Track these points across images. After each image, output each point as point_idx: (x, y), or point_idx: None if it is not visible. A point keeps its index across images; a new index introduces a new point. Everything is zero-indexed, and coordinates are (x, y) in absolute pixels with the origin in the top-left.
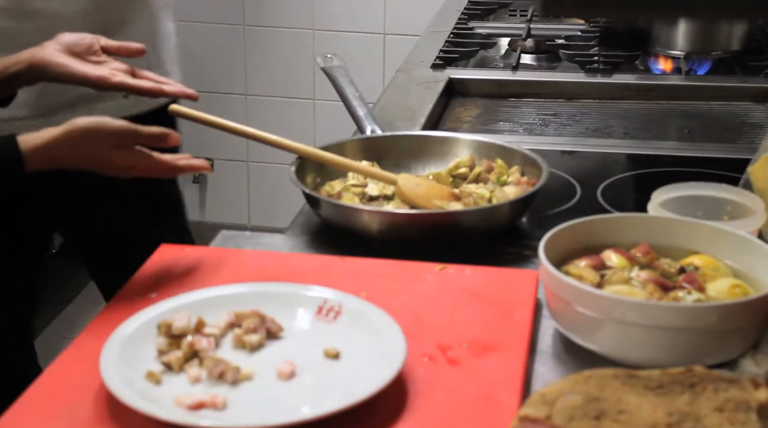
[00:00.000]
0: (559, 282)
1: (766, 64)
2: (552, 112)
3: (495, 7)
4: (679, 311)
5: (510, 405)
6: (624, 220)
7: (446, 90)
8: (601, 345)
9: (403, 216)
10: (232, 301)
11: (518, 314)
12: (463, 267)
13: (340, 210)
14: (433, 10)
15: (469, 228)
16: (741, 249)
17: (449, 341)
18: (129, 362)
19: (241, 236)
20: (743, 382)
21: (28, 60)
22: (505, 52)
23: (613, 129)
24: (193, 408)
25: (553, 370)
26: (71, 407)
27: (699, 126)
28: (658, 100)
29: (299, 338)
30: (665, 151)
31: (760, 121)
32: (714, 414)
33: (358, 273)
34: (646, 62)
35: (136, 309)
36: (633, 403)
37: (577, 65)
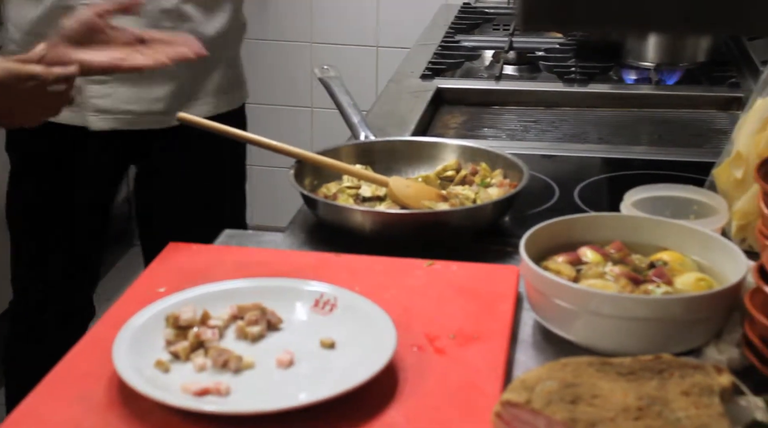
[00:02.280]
0: (538, 276)
1: (730, 74)
2: (532, 119)
3: (480, 21)
4: (649, 303)
5: (493, 391)
6: (599, 219)
7: (434, 98)
8: (576, 334)
9: (394, 216)
10: (235, 295)
11: (500, 306)
12: (450, 263)
13: (336, 210)
14: (423, 25)
15: (455, 226)
16: (706, 245)
17: (436, 332)
18: (139, 351)
19: (243, 234)
20: (707, 368)
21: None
22: (489, 63)
23: (589, 134)
24: (199, 394)
25: (532, 358)
26: (86, 393)
27: (668, 132)
28: (630, 108)
29: (297, 329)
30: (637, 155)
31: (723, 128)
32: (680, 398)
33: (352, 269)
34: (619, 73)
35: (146, 302)
36: (606, 388)
37: (555, 76)
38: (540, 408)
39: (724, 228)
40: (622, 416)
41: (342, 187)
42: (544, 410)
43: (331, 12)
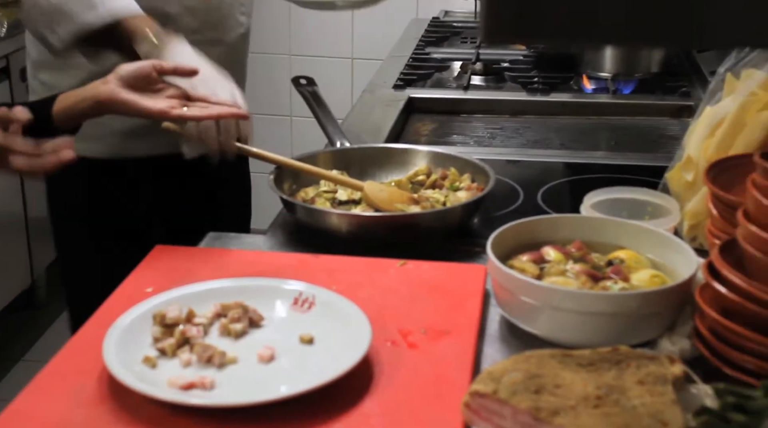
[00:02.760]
0: (504, 274)
1: (681, 84)
2: (498, 127)
3: (448, 35)
4: (607, 298)
5: (462, 382)
6: (560, 220)
7: (406, 107)
8: (540, 328)
9: (369, 218)
10: (219, 294)
11: (469, 303)
12: (421, 262)
13: (314, 213)
14: (395, 38)
15: (426, 228)
16: (660, 244)
17: (409, 327)
18: (128, 348)
19: (226, 237)
20: (661, 359)
21: (93, 98)
22: (457, 74)
23: (551, 141)
24: (185, 388)
25: (499, 351)
26: (78, 388)
27: (624, 138)
28: (589, 116)
29: (278, 326)
30: (595, 159)
31: (675, 134)
32: (636, 387)
33: (329, 269)
34: (578, 83)
35: (134, 301)
36: (567, 378)
37: (519, 86)
38: (506, 398)
39: (676, 228)
40: (583, 404)
41: (319, 191)
42: (510, 399)
43: (308, 26)
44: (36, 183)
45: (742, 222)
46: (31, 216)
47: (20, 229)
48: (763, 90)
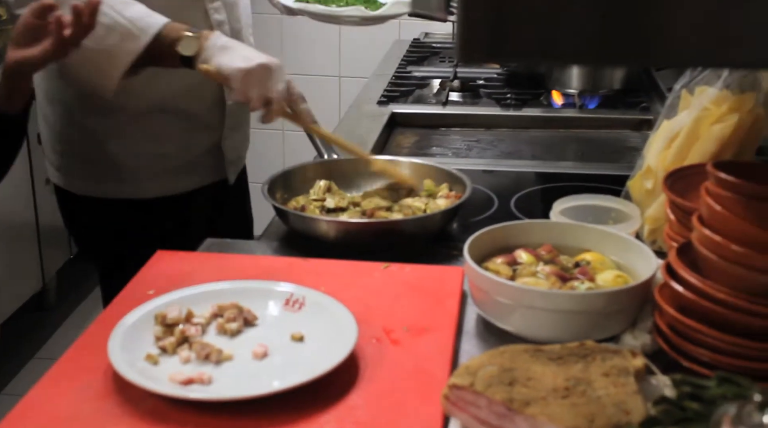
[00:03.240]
0: (480, 276)
1: (641, 100)
2: (475, 139)
3: (428, 54)
4: (575, 297)
5: (441, 376)
6: (532, 225)
7: (390, 122)
8: (513, 326)
9: (355, 225)
10: (216, 296)
11: (448, 302)
12: (404, 265)
13: (305, 220)
14: (379, 57)
15: (408, 233)
16: (622, 247)
17: (392, 325)
18: (132, 347)
19: (222, 242)
20: (624, 352)
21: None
22: (436, 91)
23: (523, 152)
24: (185, 383)
25: (475, 347)
26: (85, 384)
27: (590, 149)
28: (558, 129)
29: (270, 325)
30: (564, 169)
31: (636, 145)
32: (602, 379)
33: (318, 272)
34: (548, 98)
35: (137, 303)
36: (538, 372)
37: (494, 101)
38: (482, 390)
39: (637, 232)
40: (552, 395)
41: (309, 199)
42: (485, 391)
43: (298, 46)
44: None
45: (696, 226)
46: (43, 223)
47: (32, 236)
48: (714, 105)
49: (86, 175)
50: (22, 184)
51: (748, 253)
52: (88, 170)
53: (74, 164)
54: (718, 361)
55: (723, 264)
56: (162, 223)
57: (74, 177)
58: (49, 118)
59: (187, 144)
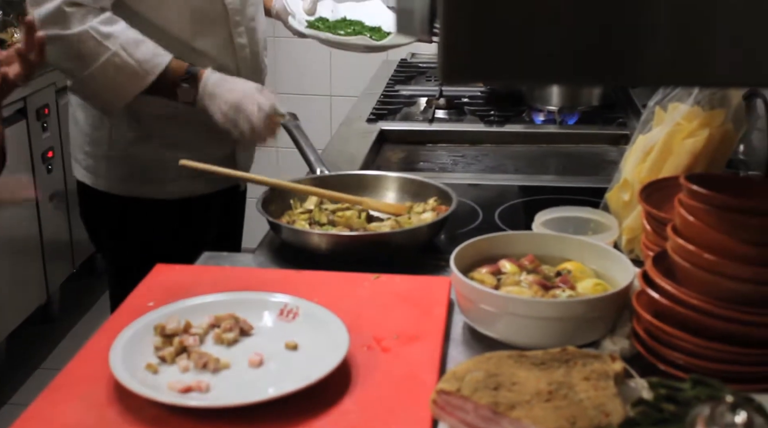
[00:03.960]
0: (466, 285)
1: (618, 116)
2: (460, 155)
3: (415, 74)
4: (557, 305)
5: (430, 382)
6: (515, 236)
7: (379, 138)
8: (498, 332)
9: (345, 237)
10: (213, 307)
11: (435, 311)
12: (393, 276)
13: (297, 233)
14: (368, 77)
15: (397, 245)
16: (602, 256)
17: (383, 334)
18: (132, 356)
19: (219, 256)
20: (604, 357)
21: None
22: (423, 108)
23: (507, 166)
24: (184, 391)
25: (462, 353)
26: (87, 393)
27: (570, 163)
28: (539, 144)
29: (266, 334)
30: (545, 182)
31: (614, 159)
32: (583, 382)
33: (311, 283)
34: (529, 115)
35: (137, 314)
36: (522, 376)
37: (478, 118)
38: (468, 395)
39: (615, 242)
40: (536, 399)
41: (296, 213)
42: (471, 396)
43: (292, 67)
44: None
45: (671, 236)
46: (47, 239)
47: (37, 250)
48: (686, 121)
49: (111, 175)
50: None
51: (719, 261)
52: (114, 170)
53: (101, 164)
54: (693, 364)
55: (696, 271)
56: (178, 222)
57: (100, 176)
58: (80, 121)
59: (203, 152)
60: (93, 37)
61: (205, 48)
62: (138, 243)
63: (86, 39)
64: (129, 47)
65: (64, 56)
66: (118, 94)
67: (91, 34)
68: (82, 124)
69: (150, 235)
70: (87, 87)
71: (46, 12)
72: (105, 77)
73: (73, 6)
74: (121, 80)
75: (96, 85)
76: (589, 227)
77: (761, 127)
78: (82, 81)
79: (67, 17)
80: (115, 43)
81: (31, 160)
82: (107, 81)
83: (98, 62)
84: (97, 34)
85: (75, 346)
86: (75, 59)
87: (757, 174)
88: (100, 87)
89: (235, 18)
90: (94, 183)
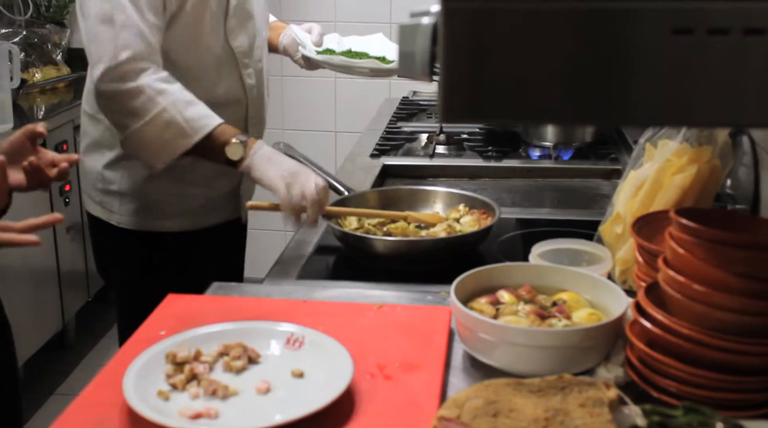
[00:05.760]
0: (465, 315)
1: (611, 151)
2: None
3: (416, 111)
4: (553, 334)
5: (431, 409)
6: (513, 267)
7: (382, 173)
8: (497, 360)
9: (424, 242)
10: (222, 336)
11: (436, 339)
12: (395, 305)
13: (361, 240)
14: (371, 114)
15: (456, 247)
16: (596, 287)
17: (385, 361)
18: (144, 384)
19: (228, 286)
20: (599, 384)
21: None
22: (424, 144)
23: (504, 200)
24: (194, 417)
25: (462, 381)
26: (102, 419)
27: (565, 197)
28: (536, 178)
29: (273, 362)
30: (541, 215)
31: (607, 193)
32: (578, 409)
33: (316, 313)
34: (526, 150)
35: (150, 343)
36: (520, 403)
37: (477, 153)
38: (468, 421)
39: (609, 273)
40: (533, 425)
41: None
42: (471, 423)
43: (298, 105)
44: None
45: (662, 267)
46: (63, 269)
47: (53, 279)
48: (676, 157)
49: (121, 210)
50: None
51: (709, 292)
52: (124, 205)
53: (113, 199)
54: (685, 392)
55: (686, 302)
56: (186, 254)
57: (111, 210)
58: (93, 161)
59: (210, 186)
60: (147, 92)
61: (221, 90)
62: (147, 275)
63: (140, 94)
64: (179, 105)
65: (117, 110)
66: (165, 151)
67: (145, 89)
68: (96, 163)
69: (158, 267)
70: (136, 141)
71: (105, 68)
72: (153, 132)
73: (131, 63)
74: (168, 137)
75: (144, 140)
76: (583, 258)
77: (747, 163)
78: (132, 135)
79: (125, 73)
80: (166, 99)
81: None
82: (155, 137)
83: (148, 117)
84: (152, 90)
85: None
86: (127, 113)
87: (744, 208)
88: (147, 142)
89: (244, 61)
90: (105, 216)
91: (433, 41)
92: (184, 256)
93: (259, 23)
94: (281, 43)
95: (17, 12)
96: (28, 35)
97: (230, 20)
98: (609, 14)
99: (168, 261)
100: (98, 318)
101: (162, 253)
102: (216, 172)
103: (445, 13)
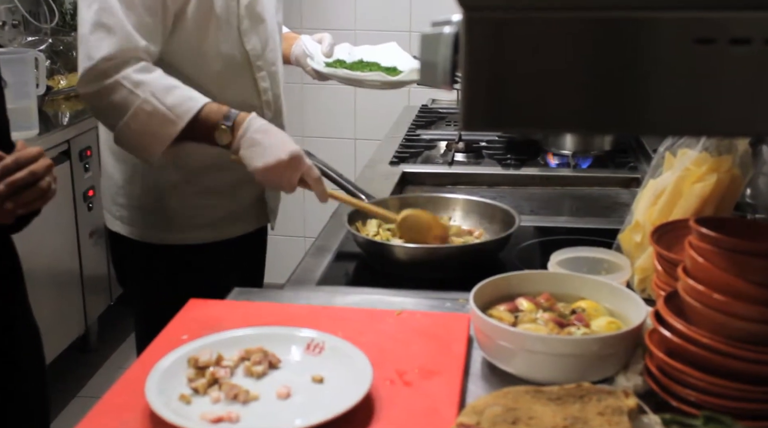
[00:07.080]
0: (485, 322)
1: (629, 160)
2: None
3: (435, 119)
4: (572, 342)
5: (450, 415)
6: (531, 275)
7: (401, 180)
8: (516, 368)
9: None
10: (243, 341)
11: (455, 346)
12: (415, 312)
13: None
14: (390, 122)
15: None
16: (615, 295)
17: (405, 367)
18: (166, 387)
19: (249, 291)
20: (618, 393)
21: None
22: (443, 152)
23: (523, 208)
24: (215, 421)
25: (481, 388)
26: (124, 422)
27: (584, 205)
28: (554, 186)
29: (293, 368)
30: (560, 223)
31: (626, 201)
32: (597, 418)
33: (336, 318)
34: (544, 159)
35: (172, 347)
36: (539, 411)
37: (495, 161)
38: None
39: (628, 281)
40: None
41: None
42: None
43: (318, 112)
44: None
45: (681, 276)
46: (86, 273)
47: (76, 284)
48: (695, 166)
49: (144, 224)
50: (68, 237)
51: (729, 301)
52: (146, 219)
53: (134, 214)
54: (704, 401)
55: (706, 311)
56: (208, 265)
57: (132, 225)
58: (114, 175)
59: (235, 196)
60: (124, 86)
61: (234, 94)
62: (166, 286)
63: (119, 89)
64: (159, 94)
65: (101, 110)
66: (154, 141)
67: (122, 83)
68: (117, 178)
69: (179, 278)
70: (125, 137)
71: (82, 69)
72: (138, 125)
73: (108, 61)
74: (153, 127)
75: (132, 134)
76: (602, 267)
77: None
78: (120, 131)
79: (102, 72)
80: (145, 90)
81: (74, 199)
82: (141, 129)
83: (131, 111)
84: (129, 82)
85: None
86: (111, 111)
87: (764, 217)
88: (135, 135)
89: (257, 63)
90: (126, 231)
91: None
92: (208, 266)
93: (270, 27)
94: (293, 54)
95: (43, 20)
96: (53, 43)
97: (243, 22)
98: (630, 23)
99: (192, 273)
100: (120, 321)
101: (187, 266)
102: (239, 179)
103: (467, 22)
